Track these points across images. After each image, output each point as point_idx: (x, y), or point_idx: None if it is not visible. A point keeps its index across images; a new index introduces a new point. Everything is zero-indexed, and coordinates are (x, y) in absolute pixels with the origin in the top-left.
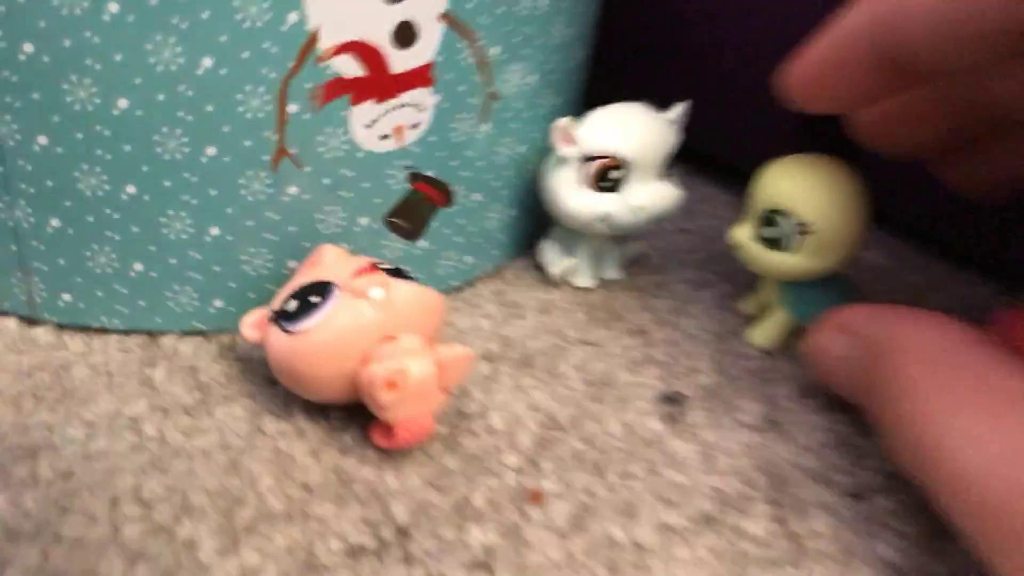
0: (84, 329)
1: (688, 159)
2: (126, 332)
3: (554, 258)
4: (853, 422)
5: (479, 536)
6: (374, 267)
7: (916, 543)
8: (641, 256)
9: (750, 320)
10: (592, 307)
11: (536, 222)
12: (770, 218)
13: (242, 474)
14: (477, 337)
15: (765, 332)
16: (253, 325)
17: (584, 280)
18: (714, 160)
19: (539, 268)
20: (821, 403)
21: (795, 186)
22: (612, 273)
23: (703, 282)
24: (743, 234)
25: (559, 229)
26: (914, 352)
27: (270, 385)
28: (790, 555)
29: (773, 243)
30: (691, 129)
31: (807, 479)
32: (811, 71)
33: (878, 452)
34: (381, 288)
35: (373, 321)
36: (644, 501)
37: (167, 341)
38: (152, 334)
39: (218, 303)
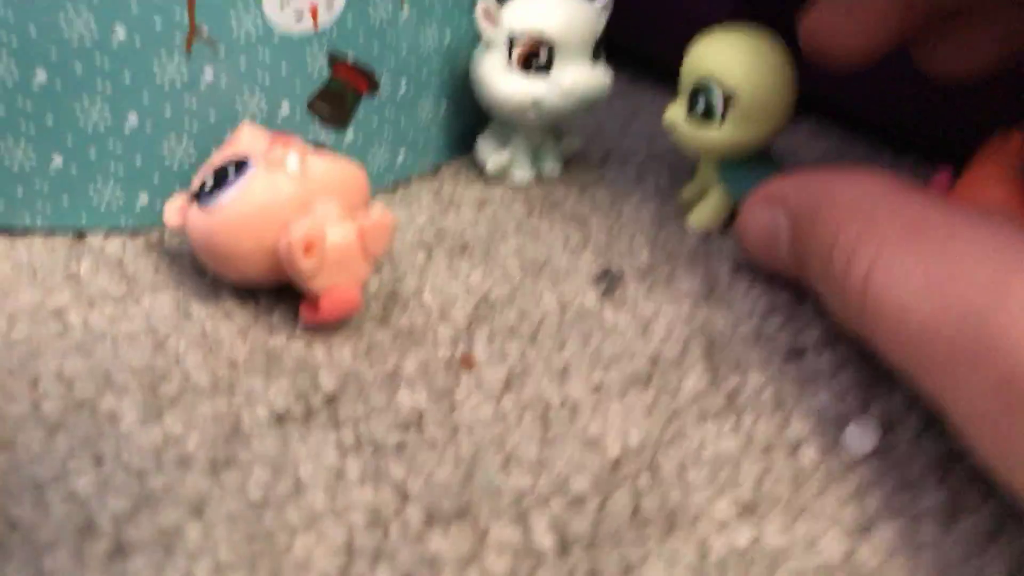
0: (7, 231)
1: (631, 66)
2: (51, 231)
3: (491, 153)
4: (793, 291)
5: (408, 399)
6: (291, 139)
7: (852, 393)
8: (580, 152)
9: (691, 207)
10: (531, 200)
11: (473, 121)
12: (697, 91)
13: (168, 354)
14: (412, 228)
15: (703, 214)
16: (176, 210)
17: (522, 175)
18: (659, 64)
19: (479, 168)
20: (762, 276)
21: (718, 55)
22: (551, 168)
23: (644, 176)
24: (675, 113)
25: (495, 125)
26: (846, 206)
27: (199, 275)
28: (726, 408)
29: (702, 119)
30: (634, 30)
31: (745, 342)
32: (827, 16)
33: (817, 315)
34: (297, 157)
35: (290, 191)
36: (578, 366)
37: (94, 239)
38: (78, 233)
39: (143, 198)
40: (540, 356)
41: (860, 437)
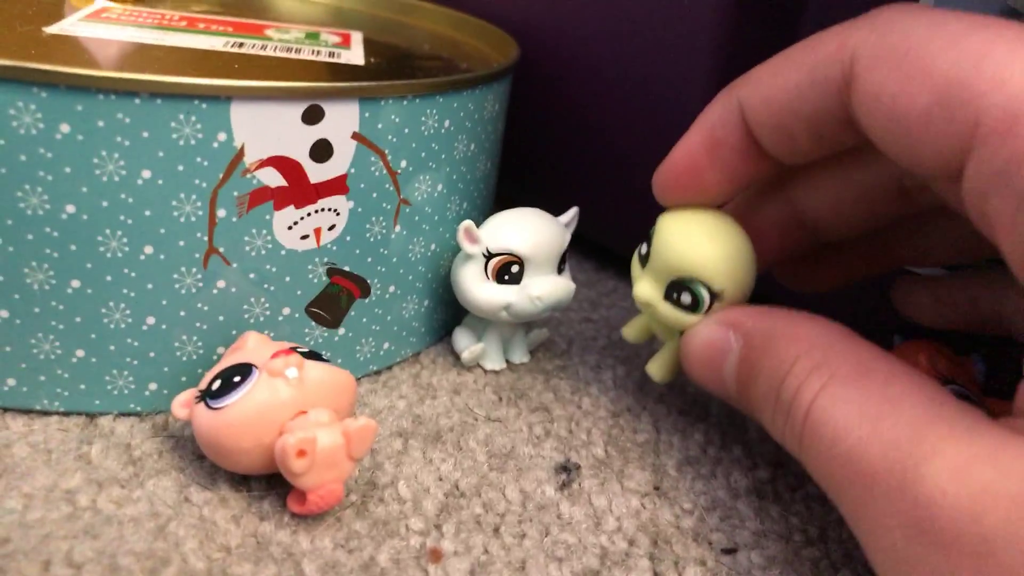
0: (26, 411)
1: (595, 256)
2: (66, 413)
3: (465, 343)
4: (730, 488)
5: None
6: (291, 350)
7: None
8: (546, 341)
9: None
10: (500, 387)
11: (451, 312)
12: (680, 285)
13: (168, 539)
14: (392, 416)
15: (662, 365)
16: (182, 404)
17: (493, 363)
18: (618, 256)
19: (454, 354)
20: (704, 471)
21: (702, 254)
22: (519, 357)
23: (603, 365)
24: (650, 294)
25: (470, 317)
26: (805, 338)
27: (198, 460)
28: None
29: (684, 306)
30: (596, 227)
31: (686, 538)
32: (684, 160)
33: (750, 513)
34: (296, 368)
35: (288, 397)
36: (535, 558)
37: (104, 421)
38: (91, 415)
39: (153, 386)
40: (502, 548)
41: None
